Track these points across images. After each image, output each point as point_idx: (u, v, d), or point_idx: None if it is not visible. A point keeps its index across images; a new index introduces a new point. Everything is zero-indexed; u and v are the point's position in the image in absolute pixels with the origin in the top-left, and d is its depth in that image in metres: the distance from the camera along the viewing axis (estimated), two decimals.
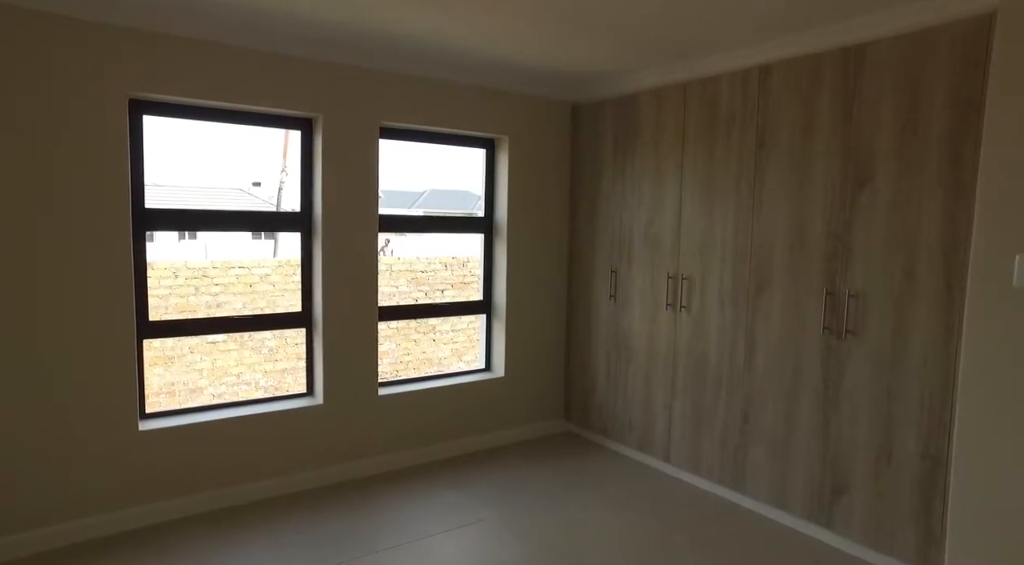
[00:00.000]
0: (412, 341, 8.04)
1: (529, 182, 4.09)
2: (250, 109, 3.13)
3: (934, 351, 2.47)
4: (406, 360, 7.89)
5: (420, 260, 7.97)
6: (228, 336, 5.98)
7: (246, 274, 6.31)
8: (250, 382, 6.29)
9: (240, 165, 18.53)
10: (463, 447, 3.94)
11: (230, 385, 6.03)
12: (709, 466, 3.36)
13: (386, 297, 7.53)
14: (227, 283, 6.07)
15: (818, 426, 2.85)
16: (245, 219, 3.33)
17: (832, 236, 2.78)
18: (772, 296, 3.02)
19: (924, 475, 2.50)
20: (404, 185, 18.48)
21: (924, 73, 2.47)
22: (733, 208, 3.19)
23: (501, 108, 3.91)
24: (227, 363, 6.06)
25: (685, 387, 3.48)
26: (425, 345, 8.05)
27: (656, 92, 3.58)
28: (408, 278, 7.95)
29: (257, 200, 15.30)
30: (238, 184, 16.22)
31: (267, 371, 6.53)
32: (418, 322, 7.80)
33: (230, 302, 6.06)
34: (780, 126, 2.97)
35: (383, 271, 7.60)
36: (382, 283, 7.92)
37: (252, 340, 6.33)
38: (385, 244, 13.30)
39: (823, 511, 2.85)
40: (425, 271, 7.98)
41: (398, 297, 7.75)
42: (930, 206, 2.46)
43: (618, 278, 3.89)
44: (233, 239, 13.52)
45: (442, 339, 8.14)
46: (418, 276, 7.92)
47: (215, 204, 13.88)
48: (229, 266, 6.14)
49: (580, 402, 4.24)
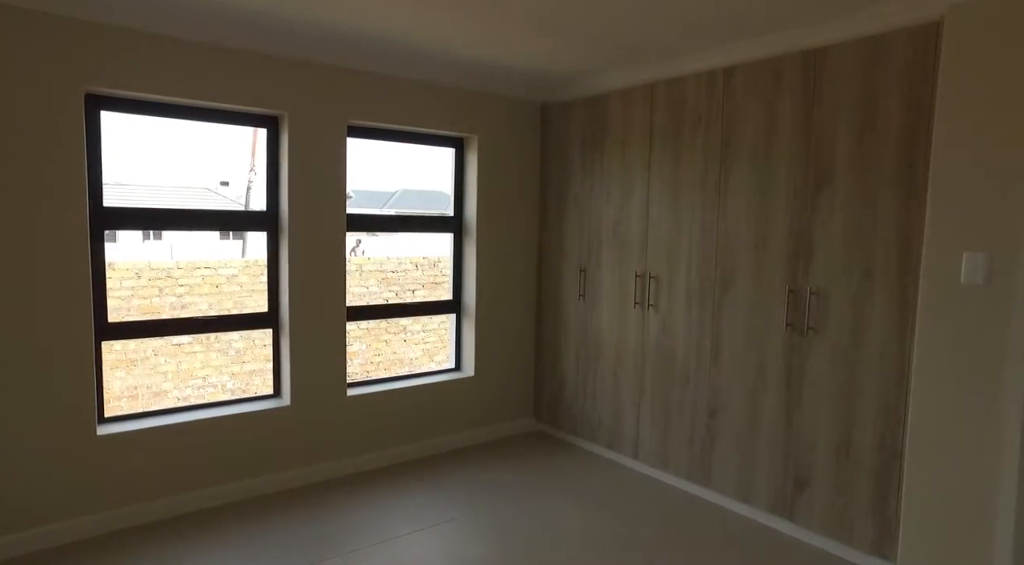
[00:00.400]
0: (383, 342, 7.99)
1: (498, 181, 4.10)
2: (214, 106, 3.08)
3: (890, 346, 2.54)
4: (377, 361, 7.84)
5: (391, 260, 7.92)
6: (193, 338, 5.86)
7: (212, 275, 6.19)
8: (217, 384, 6.18)
9: (208, 164, 18.18)
10: (433, 447, 3.93)
11: (196, 388, 5.91)
12: (677, 462, 3.41)
13: (356, 297, 7.46)
14: (192, 284, 5.95)
15: (781, 421, 2.92)
16: (208, 218, 3.27)
17: (794, 235, 2.84)
18: (737, 294, 3.08)
19: (880, 467, 2.58)
20: (376, 185, 18.30)
21: (879, 78, 2.54)
22: (699, 207, 3.24)
23: (470, 107, 3.91)
24: (193, 366, 5.94)
25: (653, 384, 3.52)
26: (396, 345, 8.00)
27: (624, 93, 3.62)
28: (378, 278, 7.90)
29: (225, 200, 15.02)
30: (206, 183, 15.90)
31: (234, 373, 6.42)
32: (388, 322, 7.76)
33: (196, 303, 5.95)
34: (744, 127, 3.02)
35: (353, 271, 7.53)
36: (352, 283, 7.87)
37: (219, 342, 6.21)
38: (356, 245, 13.15)
39: (786, 504, 2.91)
40: (396, 271, 7.93)
41: (368, 297, 7.69)
42: (885, 206, 2.54)
43: (587, 277, 3.92)
44: (200, 240, 13.26)
45: (413, 339, 8.10)
46: (389, 276, 7.87)
47: (181, 204, 13.60)
48: (195, 267, 6.02)
49: (550, 401, 4.27)
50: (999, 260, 2.19)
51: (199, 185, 15.73)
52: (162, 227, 3.17)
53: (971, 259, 2.25)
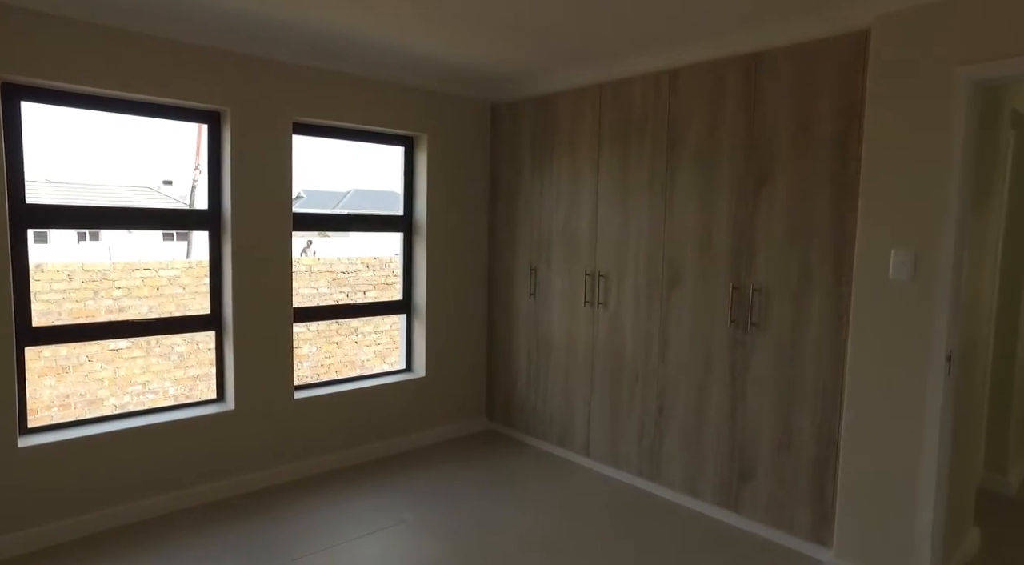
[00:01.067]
0: (334, 344, 7.85)
1: (448, 181, 4.07)
2: (149, 100, 2.95)
3: (827, 340, 2.63)
4: (327, 363, 7.69)
5: (341, 261, 7.79)
6: (132, 342, 5.62)
7: (152, 277, 5.96)
8: (158, 390, 5.94)
9: (150, 162, 17.48)
10: (384, 449, 3.88)
11: (135, 395, 5.67)
12: (627, 458, 3.45)
13: (305, 298, 7.31)
14: (131, 286, 5.71)
15: (726, 416, 2.98)
16: (144, 217, 3.13)
17: (737, 233, 2.91)
18: (684, 291, 3.13)
19: (818, 458, 2.67)
20: (327, 185, 17.95)
21: (814, 81, 2.63)
22: (647, 207, 3.29)
23: (420, 106, 3.87)
24: (132, 371, 5.70)
25: (603, 382, 3.56)
26: (347, 347, 7.87)
27: (573, 93, 3.65)
28: (329, 279, 7.75)
29: (168, 199, 14.47)
30: (147, 183, 15.29)
31: (177, 378, 6.18)
32: (340, 324, 7.63)
33: (135, 306, 5.70)
34: (689, 128, 3.09)
35: (302, 272, 7.37)
36: (301, 284, 7.70)
37: (160, 346, 5.97)
38: (308, 245, 12.87)
39: (731, 496, 2.98)
40: (346, 272, 7.80)
41: (318, 298, 7.54)
42: (822, 204, 2.63)
43: (537, 276, 3.93)
44: (142, 241, 12.73)
45: (364, 341, 7.98)
46: (339, 277, 7.74)
47: (118, 203, 13.02)
48: (133, 268, 5.78)
49: (502, 400, 4.26)
50: (923, 258, 2.30)
51: (140, 184, 15.11)
52: (92, 226, 3.02)
53: (898, 256, 2.35)
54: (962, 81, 2.18)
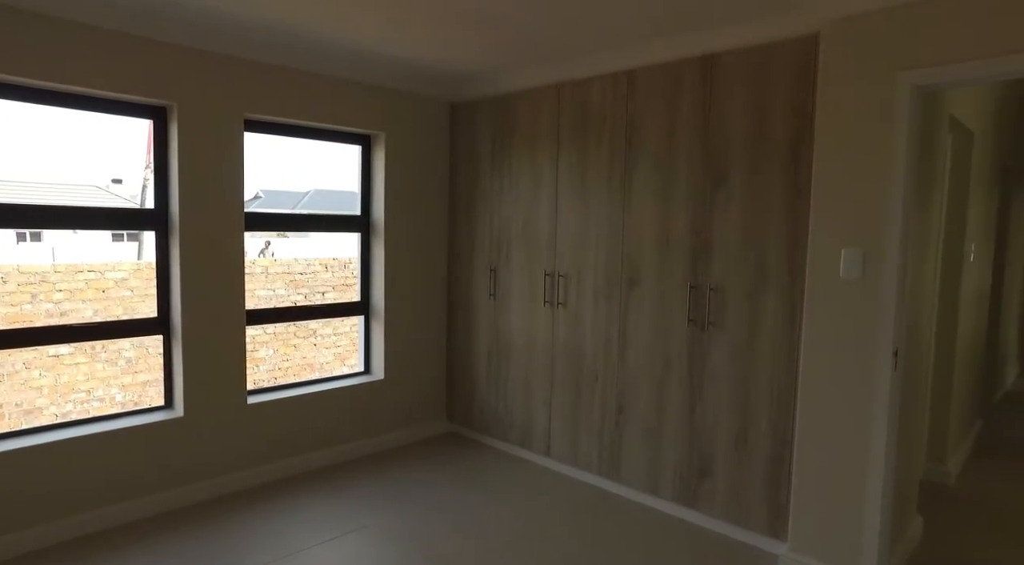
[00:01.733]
0: (291, 346, 7.68)
1: (407, 180, 4.02)
2: (89, 93, 2.82)
3: (781, 338, 2.68)
4: (285, 366, 7.52)
5: (299, 262, 7.63)
6: (75, 348, 5.38)
7: (97, 279, 5.71)
8: (104, 398, 5.70)
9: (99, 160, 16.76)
10: (343, 454, 3.80)
11: (79, 403, 5.43)
12: (587, 458, 3.46)
13: (262, 301, 7.13)
14: (74, 289, 5.46)
15: (685, 414, 3.02)
16: (85, 216, 2.98)
17: (694, 232, 2.95)
18: (643, 291, 3.16)
19: (773, 454, 2.72)
20: (288, 185, 17.54)
21: (768, 83, 2.68)
22: (605, 206, 3.30)
23: (377, 104, 3.81)
24: (75, 378, 5.45)
25: (563, 382, 3.56)
26: (306, 350, 7.71)
27: (532, 93, 3.64)
28: (286, 281, 7.59)
29: (117, 198, 13.93)
30: (96, 181, 14.70)
31: (125, 385, 5.95)
32: (297, 326, 7.47)
33: (78, 310, 5.46)
34: (647, 128, 3.11)
35: (259, 274, 7.18)
36: (257, 286, 7.49)
37: (106, 352, 5.74)
38: (266, 246, 12.55)
39: (690, 493, 3.02)
40: (304, 273, 7.65)
41: (275, 300, 7.37)
42: (776, 204, 2.68)
43: (497, 276, 3.91)
44: (91, 241, 12.22)
45: (324, 343, 7.84)
46: (297, 278, 7.58)
47: (60, 201, 12.46)
48: (76, 270, 5.53)
49: (463, 401, 4.23)
50: (871, 257, 2.36)
51: (88, 183, 14.52)
52: (27, 225, 2.86)
53: (848, 255, 2.41)
54: (905, 85, 2.25)
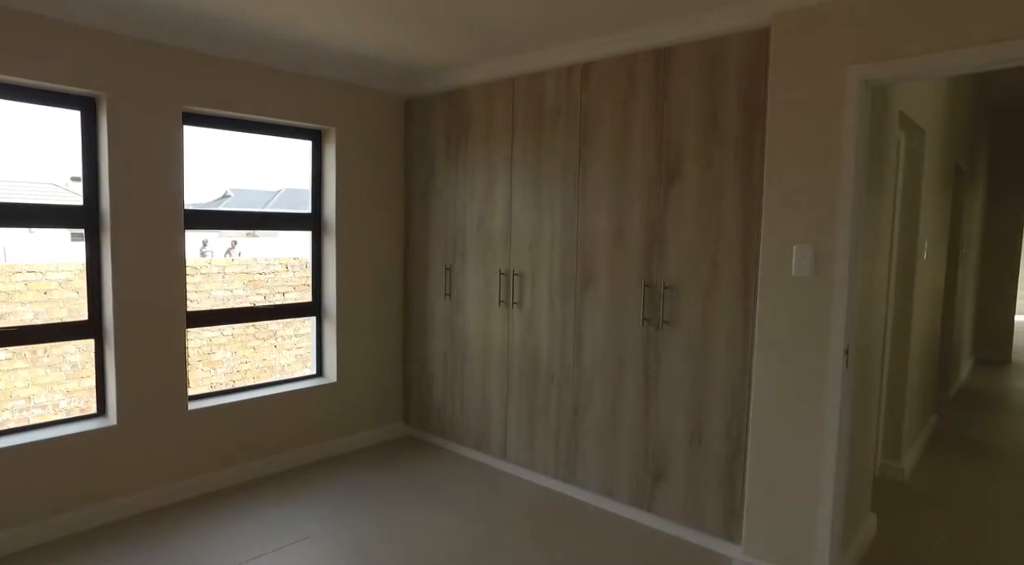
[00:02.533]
0: (251, 348, 7.48)
1: (359, 176, 3.89)
2: (9, 81, 2.65)
3: (735, 336, 2.64)
4: (244, 369, 7.31)
5: (258, 261, 7.42)
6: (13, 353, 5.12)
7: (39, 280, 5.46)
8: (47, 404, 5.45)
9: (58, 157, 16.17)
10: (293, 460, 3.66)
11: (17, 411, 5.17)
12: (544, 461, 3.39)
13: (219, 301, 6.92)
14: (12, 290, 5.21)
15: (640, 415, 2.96)
16: (4, 214, 2.80)
17: (649, 229, 2.89)
18: (597, 290, 3.09)
19: (728, 454, 2.67)
20: (258, 184, 17.10)
21: (721, 77, 2.63)
22: (560, 203, 3.23)
23: (327, 98, 3.68)
24: (13, 384, 5.20)
25: (519, 384, 3.48)
26: (266, 352, 7.52)
27: (486, 87, 3.55)
28: (245, 281, 7.38)
29: (77, 197, 13.47)
30: (55, 179, 14.17)
31: (70, 391, 5.70)
32: (257, 327, 7.28)
33: (17, 312, 5.20)
34: (601, 122, 3.04)
35: (215, 274, 6.97)
36: (214, 287, 7.25)
37: (49, 356, 5.48)
38: (232, 246, 12.23)
39: (646, 495, 2.96)
40: (264, 273, 7.44)
41: (233, 301, 7.16)
42: (730, 200, 2.63)
43: (452, 276, 3.81)
44: (48, 241, 11.75)
45: (285, 345, 7.65)
46: (256, 279, 7.37)
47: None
48: (14, 270, 5.28)
49: (419, 404, 4.12)
50: (822, 253, 2.33)
51: (47, 180, 13.99)
52: None
53: (800, 252, 2.37)
54: (854, 80, 2.21)
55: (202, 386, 6.68)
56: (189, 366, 6.87)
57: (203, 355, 6.75)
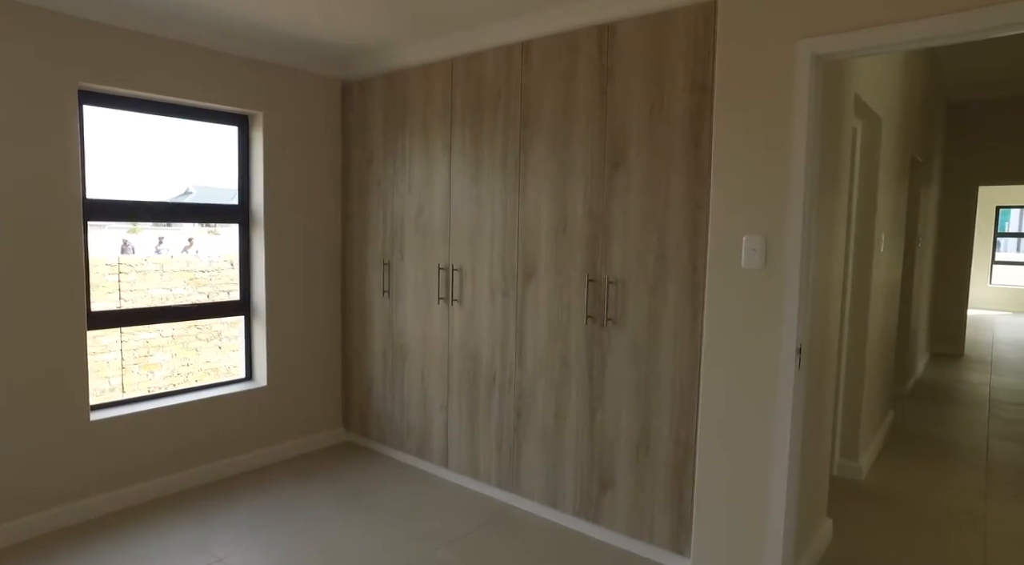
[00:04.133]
0: (193, 350, 7.10)
1: (291, 165, 3.61)
2: None
3: (683, 335, 2.45)
4: (186, 371, 6.93)
5: (200, 259, 7.04)
6: None
7: None
8: None
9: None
10: (217, 472, 3.37)
11: None
12: (487, 469, 3.17)
13: (156, 300, 6.53)
14: None
15: (585, 420, 2.76)
16: None
17: (592, 219, 2.68)
18: (539, 285, 2.88)
19: (677, 461, 2.49)
20: (222, 181, 16.53)
21: (666, 55, 2.43)
22: (500, 192, 3.00)
23: (254, 80, 3.39)
24: None
25: (460, 386, 3.25)
26: (210, 353, 7.14)
27: (424, 68, 3.31)
28: (186, 279, 6.99)
29: None
30: None
31: None
32: (199, 327, 6.91)
33: None
34: (542, 105, 2.83)
35: (151, 271, 6.58)
36: (151, 285, 6.84)
37: None
38: (189, 243, 11.68)
39: (591, 506, 2.76)
40: (207, 270, 7.06)
41: (172, 300, 6.77)
42: (676, 187, 2.44)
43: (391, 271, 3.56)
44: None
45: (230, 345, 7.27)
46: (198, 276, 6.99)
47: None
48: None
49: (359, 408, 3.86)
50: (773, 245, 2.15)
51: None
52: None
53: (749, 242, 2.19)
54: (805, 54, 2.03)
55: (139, 390, 6.30)
56: (123, 370, 6.48)
57: (139, 358, 6.37)
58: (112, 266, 5.98)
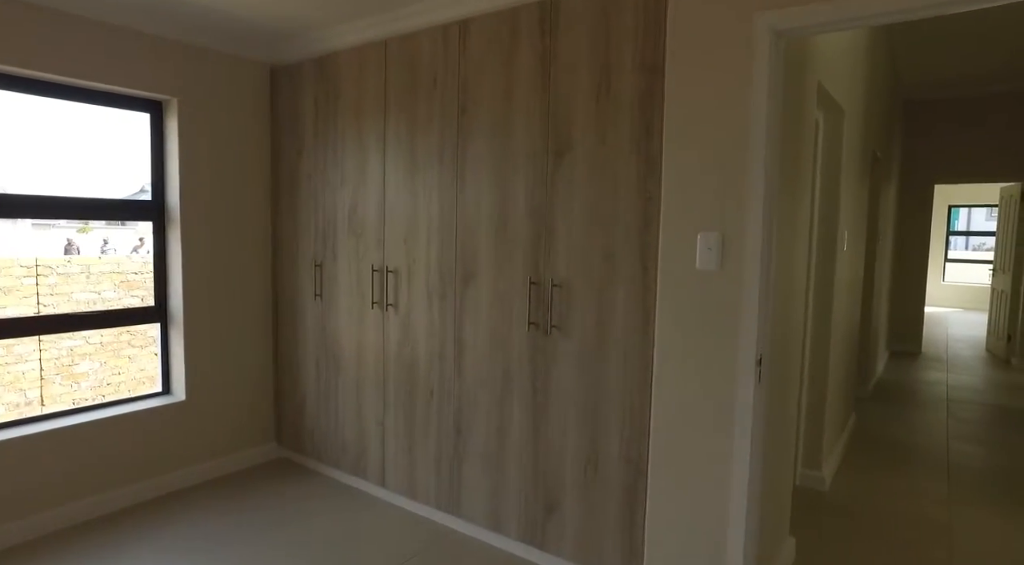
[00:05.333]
0: (125, 358, 6.65)
1: (213, 157, 3.28)
2: None
3: (633, 344, 2.21)
4: (116, 381, 6.48)
5: (132, 260, 6.59)
6: None
7: None
8: None
9: None
10: (129, 497, 3.02)
11: None
12: (425, 489, 2.89)
13: (83, 305, 6.08)
14: None
15: (529, 437, 2.51)
16: None
17: (535, 215, 2.43)
18: (479, 288, 2.62)
19: (627, 482, 2.25)
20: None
21: (614, 33, 2.20)
22: (437, 186, 2.73)
23: (168, 62, 3.04)
24: None
25: (397, 399, 2.97)
26: (144, 361, 6.70)
27: (357, 51, 3.01)
28: (117, 281, 6.53)
29: None
30: None
31: None
32: (132, 334, 6.49)
33: None
34: (481, 89, 2.57)
35: (77, 274, 6.12)
36: (75, 288, 6.35)
37: None
38: (140, 243, 11.10)
39: (537, 530, 2.51)
40: (140, 272, 6.61)
41: (102, 305, 6.31)
42: (626, 179, 2.20)
43: (323, 273, 3.26)
44: None
45: None
46: (131, 279, 6.54)
47: None
48: None
49: (292, 422, 3.54)
50: (731, 243, 1.93)
51: None
52: None
53: (705, 240, 1.97)
54: (763, 29, 1.82)
55: (62, 403, 5.85)
56: (42, 381, 5.99)
57: (62, 367, 5.90)
58: (28, 268, 5.51)
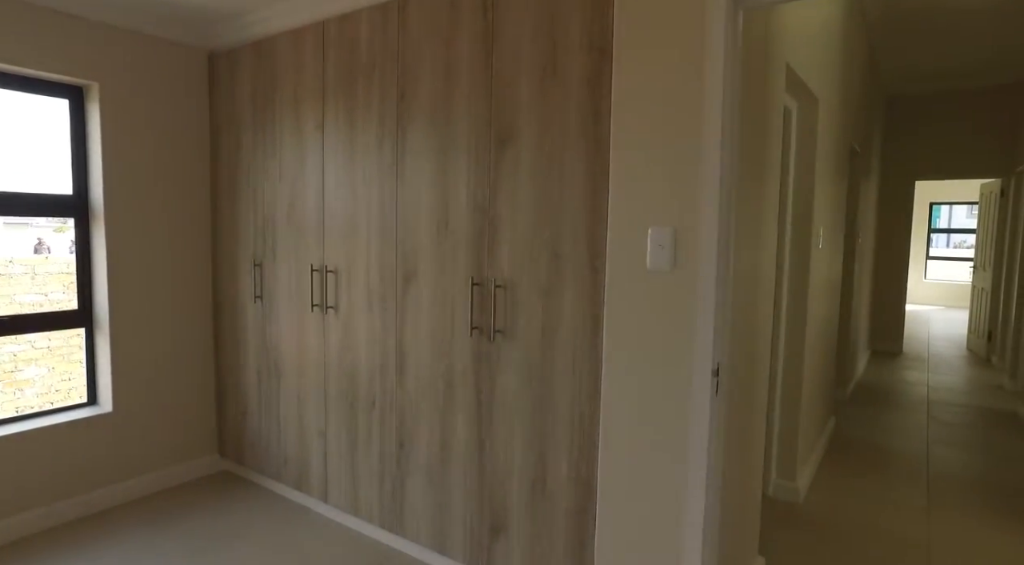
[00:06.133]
0: (76, 363, 6.33)
1: (145, 148, 3.03)
2: None
3: (582, 350, 2.01)
4: (66, 387, 6.16)
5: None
6: None
7: None
8: None
9: None
10: (53, 517, 2.77)
11: None
12: (368, 505, 2.67)
13: (29, 307, 5.78)
14: None
15: (473, 452, 2.30)
16: None
17: (478, 210, 2.22)
18: (420, 290, 2.40)
19: (576, 503, 2.05)
20: None
21: (560, 8, 1.99)
22: (376, 178, 2.51)
23: (87, 44, 2.80)
24: None
25: (338, 409, 2.75)
26: None
27: (294, 34, 2.78)
28: (65, 282, 6.21)
29: None
30: None
31: None
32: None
33: None
34: (421, 74, 2.35)
35: (22, 274, 5.81)
36: (19, 290, 6.05)
37: None
38: (38, 243, 10.72)
39: (483, 553, 2.31)
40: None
41: (48, 306, 6.00)
42: (573, 169, 2.00)
43: (263, 273, 3.03)
44: None
45: None
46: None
47: None
48: None
49: (234, 433, 3.31)
50: (685, 240, 1.73)
51: None
52: None
53: (656, 236, 1.76)
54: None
55: (4, 411, 5.57)
56: None
57: (4, 373, 5.60)
58: None
